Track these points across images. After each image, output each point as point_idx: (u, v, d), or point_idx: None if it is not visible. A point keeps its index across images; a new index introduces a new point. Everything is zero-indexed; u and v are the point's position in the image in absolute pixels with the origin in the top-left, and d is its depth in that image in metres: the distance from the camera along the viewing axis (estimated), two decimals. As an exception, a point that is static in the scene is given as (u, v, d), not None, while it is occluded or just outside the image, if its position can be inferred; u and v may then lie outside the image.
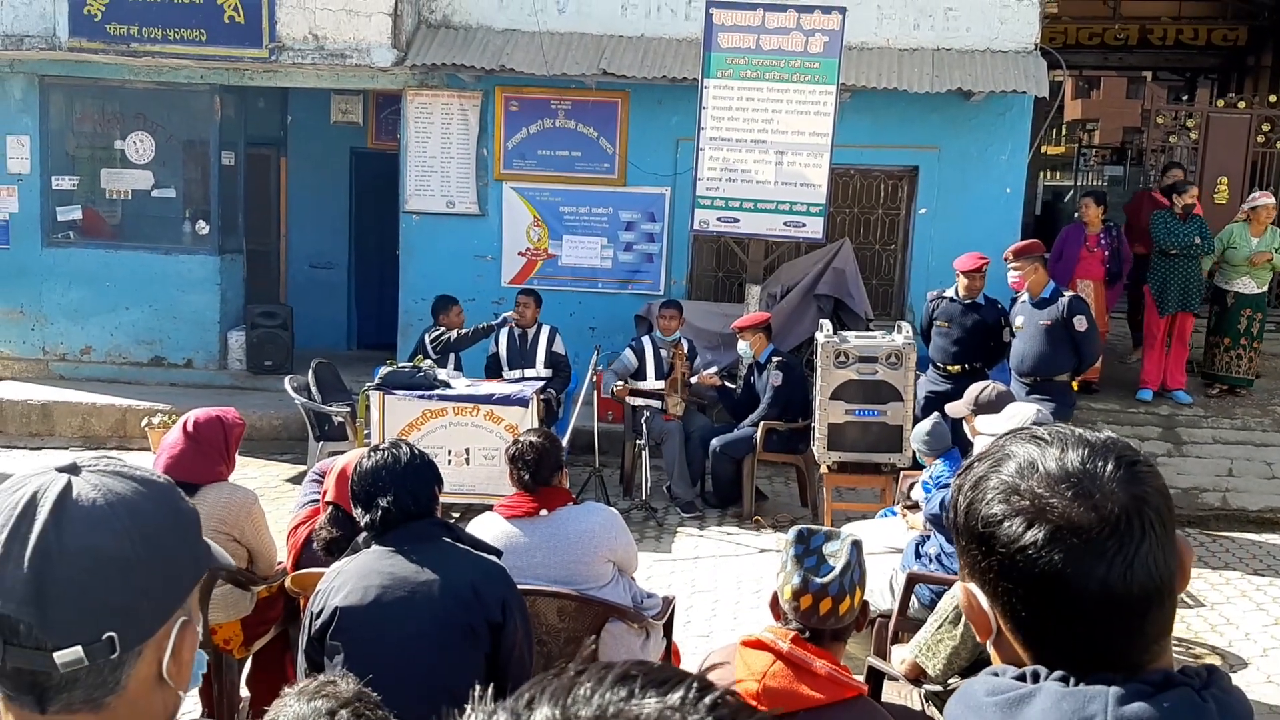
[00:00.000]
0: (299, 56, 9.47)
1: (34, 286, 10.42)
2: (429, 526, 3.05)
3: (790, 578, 2.38)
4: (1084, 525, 1.09)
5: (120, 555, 1.09)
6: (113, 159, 10.45)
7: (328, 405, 8.04)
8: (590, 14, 9.69)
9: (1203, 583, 6.78)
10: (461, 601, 2.88)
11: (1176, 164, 10.39)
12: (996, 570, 1.13)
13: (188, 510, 1.20)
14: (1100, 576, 1.08)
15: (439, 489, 3.17)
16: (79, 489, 1.11)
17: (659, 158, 9.82)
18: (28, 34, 9.57)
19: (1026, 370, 7.25)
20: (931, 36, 9.54)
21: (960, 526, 1.18)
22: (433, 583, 2.89)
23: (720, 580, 6.60)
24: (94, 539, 1.09)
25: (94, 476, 1.14)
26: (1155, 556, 1.10)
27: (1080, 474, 1.12)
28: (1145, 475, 1.13)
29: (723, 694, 0.70)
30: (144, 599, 1.11)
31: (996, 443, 1.20)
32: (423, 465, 3.14)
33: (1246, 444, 8.94)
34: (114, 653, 1.09)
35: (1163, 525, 1.12)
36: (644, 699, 0.68)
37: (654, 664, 0.73)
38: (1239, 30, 14.53)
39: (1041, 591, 1.10)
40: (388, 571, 2.92)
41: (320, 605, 2.94)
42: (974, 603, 1.18)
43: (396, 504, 3.01)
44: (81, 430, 9.51)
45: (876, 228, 10.33)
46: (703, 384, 8.20)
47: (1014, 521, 1.11)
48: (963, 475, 1.20)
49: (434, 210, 10.05)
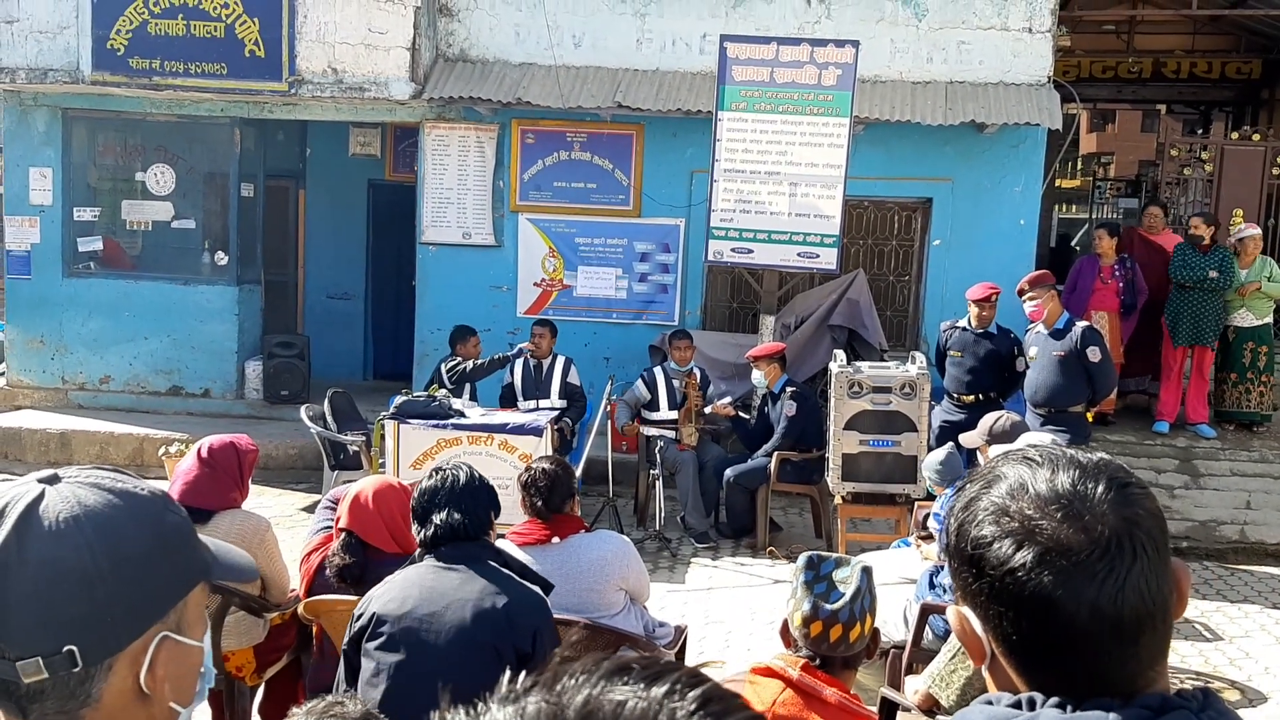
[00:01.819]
0: (318, 90, 9.58)
1: (55, 316, 10.52)
2: (478, 548, 3.14)
3: (800, 604, 2.38)
4: (1073, 547, 1.08)
5: (80, 569, 1.08)
6: (134, 190, 10.58)
7: (343, 434, 8.07)
8: (605, 48, 9.78)
9: (1221, 616, 6.72)
10: (492, 624, 2.93)
11: (1158, 202, 10.40)
12: (987, 593, 1.12)
13: (173, 523, 1.17)
14: (1090, 599, 1.07)
15: (495, 514, 3.26)
16: (49, 501, 1.10)
17: (673, 189, 9.88)
18: (51, 68, 9.72)
19: (1041, 401, 7.23)
20: (945, 69, 9.59)
21: (952, 549, 1.18)
22: (467, 602, 2.95)
23: (734, 611, 6.57)
24: (53, 551, 1.07)
25: (68, 488, 1.12)
26: (1147, 579, 1.08)
27: (1071, 495, 1.10)
28: (1137, 497, 1.12)
29: (713, 687, 0.70)
30: (107, 613, 1.09)
31: (989, 465, 1.19)
32: (480, 488, 3.23)
33: (1265, 476, 8.86)
34: (75, 666, 1.07)
35: (1155, 548, 1.10)
36: (633, 690, 0.69)
37: (650, 657, 0.73)
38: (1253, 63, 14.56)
39: (1032, 614, 1.09)
40: (429, 585, 3.01)
41: (363, 609, 3.05)
42: (967, 627, 1.16)
43: (448, 521, 3.10)
44: (99, 459, 9.55)
45: (890, 259, 10.35)
46: (717, 414, 8.21)
47: (1004, 543, 1.10)
48: (955, 497, 1.20)
49: (450, 241, 10.12)
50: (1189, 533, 8.24)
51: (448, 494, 3.16)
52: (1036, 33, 9.54)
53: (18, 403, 10.56)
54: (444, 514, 3.12)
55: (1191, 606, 6.90)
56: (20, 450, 9.64)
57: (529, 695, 0.70)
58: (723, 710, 0.69)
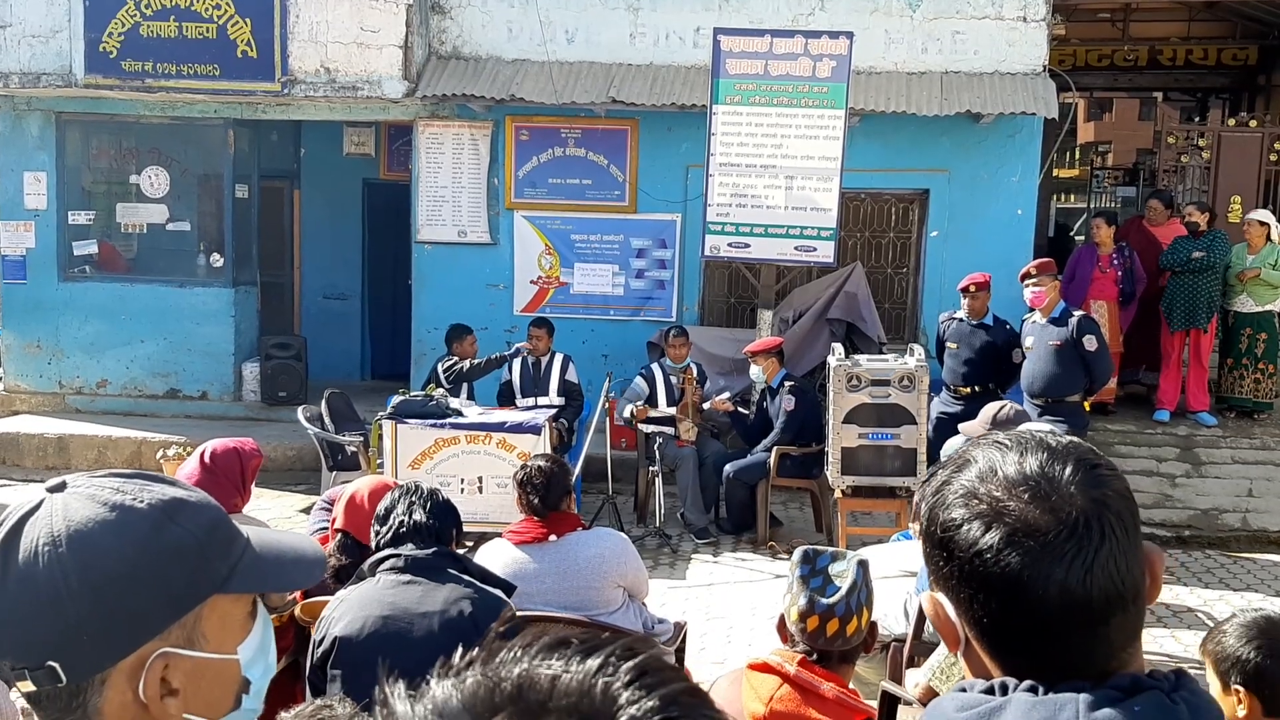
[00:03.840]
0: (311, 89, 9.55)
1: (51, 320, 10.50)
2: (436, 558, 3.05)
3: (796, 599, 2.36)
4: (1040, 527, 1.08)
5: (50, 588, 1.07)
6: (128, 193, 10.55)
7: (341, 435, 8.05)
8: (599, 43, 9.75)
9: (1224, 605, 6.70)
10: (460, 634, 2.86)
11: (1159, 193, 10.38)
12: (958, 575, 1.12)
13: (174, 537, 1.13)
14: (1059, 580, 1.07)
15: (457, 533, 3.20)
16: (39, 514, 1.10)
17: (669, 184, 9.85)
18: (44, 71, 9.70)
19: (1037, 391, 7.21)
20: (939, 60, 9.56)
21: (924, 533, 1.18)
22: (432, 615, 2.87)
23: (735, 606, 6.55)
24: (29, 570, 1.08)
25: (63, 500, 1.11)
26: (1117, 560, 1.08)
27: (1039, 477, 1.11)
28: (1106, 479, 1.12)
29: (649, 659, 0.69)
30: (81, 632, 1.08)
31: (960, 449, 1.20)
32: (446, 503, 3.18)
33: (1266, 464, 8.85)
34: (59, 681, 1.07)
35: (1124, 529, 1.10)
36: (568, 664, 0.69)
37: (594, 633, 0.73)
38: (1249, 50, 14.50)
39: (1001, 595, 1.09)
40: (389, 601, 2.91)
41: (322, 634, 2.94)
42: (941, 612, 1.16)
43: (411, 521, 3.05)
44: (98, 463, 9.54)
45: (888, 251, 10.32)
46: (716, 409, 8.19)
47: (972, 525, 1.11)
48: (926, 483, 1.20)
49: (446, 240, 10.09)
50: (1191, 521, 8.22)
51: (414, 498, 3.11)
52: (1031, 22, 9.50)
53: (15, 408, 10.54)
54: (407, 515, 3.05)
55: (1194, 594, 6.89)
56: (18, 455, 9.62)
57: (467, 670, 0.71)
58: (657, 682, 0.68)
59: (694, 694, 0.70)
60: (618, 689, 0.68)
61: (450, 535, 3.15)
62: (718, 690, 2.49)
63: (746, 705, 2.28)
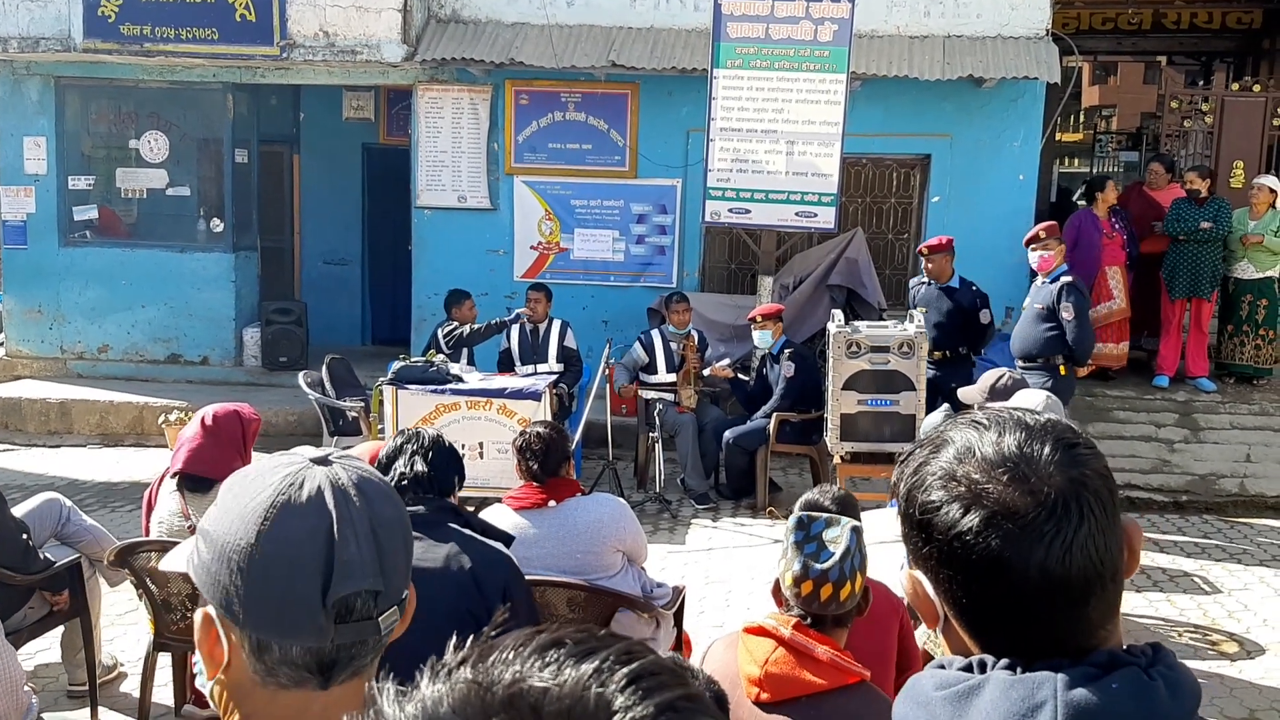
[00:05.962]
0: (310, 54, 9.50)
1: (52, 286, 10.51)
2: (437, 512, 3.07)
3: (791, 564, 2.39)
4: (1020, 509, 1.08)
5: (406, 522, 1.21)
6: (128, 158, 10.53)
7: (341, 400, 8.08)
8: (599, 6, 9.68)
9: (1220, 569, 6.75)
10: (462, 588, 2.89)
11: (1160, 157, 10.33)
12: (937, 557, 1.12)
13: None
14: (1038, 560, 1.07)
15: (459, 481, 3.21)
16: (357, 472, 1.18)
17: (670, 149, 9.81)
18: (43, 36, 9.64)
19: (1017, 351, 7.26)
20: (942, 23, 9.49)
21: (902, 514, 1.18)
22: (433, 570, 2.89)
23: (734, 571, 6.60)
24: (392, 511, 1.18)
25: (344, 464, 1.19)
26: (1095, 539, 1.08)
27: (1017, 458, 1.10)
28: (1084, 458, 1.12)
29: (646, 663, 0.68)
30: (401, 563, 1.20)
31: (936, 429, 1.20)
32: (449, 449, 3.21)
33: (1265, 429, 8.87)
34: (402, 611, 1.18)
35: (1103, 508, 1.10)
36: (561, 669, 0.67)
37: (590, 633, 0.71)
38: (1254, 13, 14.38)
39: (981, 577, 1.09)
40: None
41: None
42: (919, 590, 1.17)
43: (413, 472, 3.07)
44: (99, 428, 9.58)
45: (889, 217, 10.30)
46: (716, 376, 8.21)
47: (951, 507, 1.11)
48: (904, 463, 1.20)
49: (446, 205, 10.07)
50: (1189, 486, 8.26)
51: (415, 447, 3.12)
52: (1035, -15, 9.43)
53: (17, 373, 10.57)
54: (408, 466, 3.06)
55: (1191, 560, 6.93)
56: (20, 420, 9.66)
57: (459, 671, 0.69)
58: (653, 688, 0.67)
59: (691, 700, 0.68)
60: (612, 695, 0.66)
61: (452, 484, 3.18)
62: (714, 653, 2.53)
63: (742, 668, 2.31)
